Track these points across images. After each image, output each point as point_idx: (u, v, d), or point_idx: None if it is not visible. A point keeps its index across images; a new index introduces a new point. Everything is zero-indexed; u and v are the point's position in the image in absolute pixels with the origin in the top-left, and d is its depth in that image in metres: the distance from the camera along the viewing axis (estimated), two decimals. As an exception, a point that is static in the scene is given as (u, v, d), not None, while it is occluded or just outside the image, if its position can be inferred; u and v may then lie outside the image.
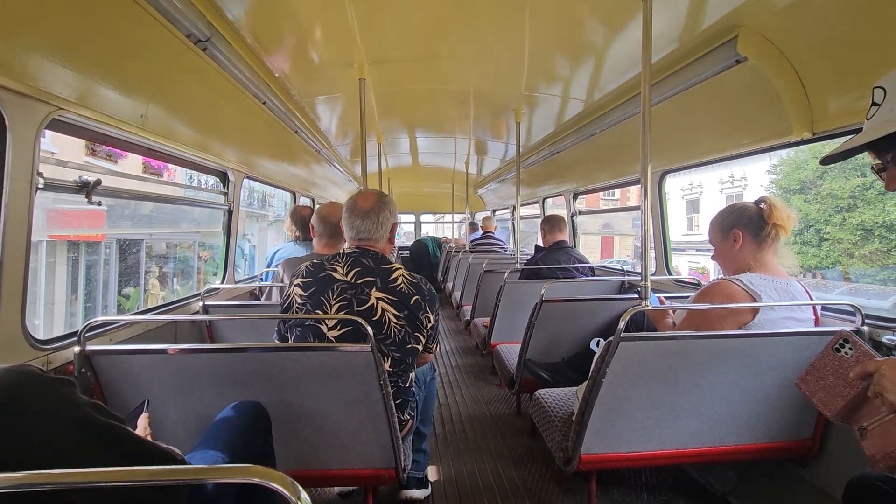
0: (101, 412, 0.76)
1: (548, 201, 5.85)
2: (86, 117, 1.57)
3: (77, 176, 1.66)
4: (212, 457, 1.12)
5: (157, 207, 9.58)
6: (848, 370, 0.92)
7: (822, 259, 12.47)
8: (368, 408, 1.49)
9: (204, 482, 0.94)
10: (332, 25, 2.20)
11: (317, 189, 5.54)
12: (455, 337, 5.18)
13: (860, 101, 1.64)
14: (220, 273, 3.15)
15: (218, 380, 1.44)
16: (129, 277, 9.39)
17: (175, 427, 1.48)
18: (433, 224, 11.98)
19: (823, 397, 0.98)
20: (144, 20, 1.58)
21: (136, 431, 1.13)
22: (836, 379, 0.95)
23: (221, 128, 2.68)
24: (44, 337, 1.51)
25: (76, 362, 1.37)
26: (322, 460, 1.58)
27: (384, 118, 4.12)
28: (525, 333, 2.51)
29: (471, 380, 3.73)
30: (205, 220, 10.68)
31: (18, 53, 1.26)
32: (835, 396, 0.96)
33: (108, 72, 1.63)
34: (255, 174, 3.39)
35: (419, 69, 2.86)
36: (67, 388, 0.74)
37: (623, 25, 2.08)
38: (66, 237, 7.65)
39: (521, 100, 3.36)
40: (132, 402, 1.37)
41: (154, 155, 2.24)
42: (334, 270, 1.61)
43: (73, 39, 1.42)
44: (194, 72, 2.04)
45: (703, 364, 1.58)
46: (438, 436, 2.69)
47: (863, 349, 0.93)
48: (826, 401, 0.98)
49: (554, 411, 1.96)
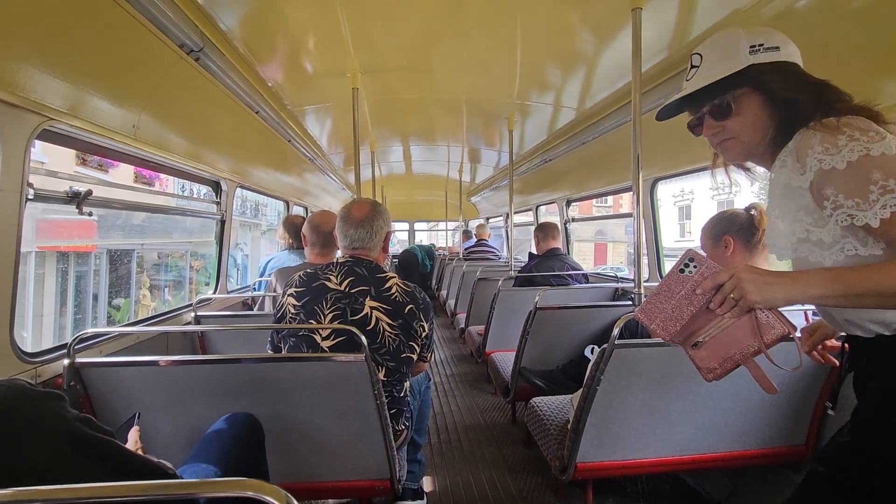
0: (90, 426, 0.75)
1: (541, 209, 5.88)
2: (77, 128, 1.56)
3: (68, 186, 1.65)
4: (204, 470, 1.11)
5: (149, 217, 9.52)
6: (693, 288, 0.93)
7: (813, 264, 12.56)
8: (363, 418, 1.48)
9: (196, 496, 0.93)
10: (324, 35, 2.21)
11: (310, 198, 5.53)
12: (450, 345, 5.17)
13: (846, 108, 1.67)
14: (212, 283, 3.13)
15: (210, 391, 1.43)
16: (120, 288, 9.29)
17: (166, 440, 1.46)
18: (427, 232, 11.99)
19: (662, 322, 0.98)
20: (137, 30, 1.58)
21: (127, 445, 1.11)
22: (679, 301, 0.95)
23: (214, 137, 2.68)
24: (32, 350, 1.49)
25: (65, 375, 1.34)
26: (316, 472, 1.57)
27: (377, 127, 4.13)
28: (519, 341, 2.50)
29: (466, 388, 3.72)
30: (197, 229, 10.62)
31: (9, 64, 1.25)
32: (674, 319, 0.96)
33: (100, 82, 1.62)
34: (247, 183, 3.38)
35: (412, 78, 2.87)
36: (57, 402, 0.73)
37: (613, 35, 2.11)
38: (56, 248, 7.57)
39: (514, 108, 3.39)
40: (122, 416, 1.35)
41: (146, 165, 2.23)
42: (328, 280, 1.60)
43: (64, 50, 1.41)
44: (187, 82, 2.04)
45: (696, 370, 1.58)
46: (434, 445, 2.67)
47: (708, 264, 0.93)
48: (665, 324, 0.97)
49: (549, 419, 1.96)
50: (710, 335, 0.96)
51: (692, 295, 0.94)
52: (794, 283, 0.86)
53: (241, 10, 1.93)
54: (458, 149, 5.22)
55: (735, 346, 0.95)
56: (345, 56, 2.41)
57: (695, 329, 0.97)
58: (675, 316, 0.97)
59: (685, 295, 0.95)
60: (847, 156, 0.82)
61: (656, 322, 0.99)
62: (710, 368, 0.98)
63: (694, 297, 0.94)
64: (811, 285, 0.85)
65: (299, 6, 1.93)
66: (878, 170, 0.80)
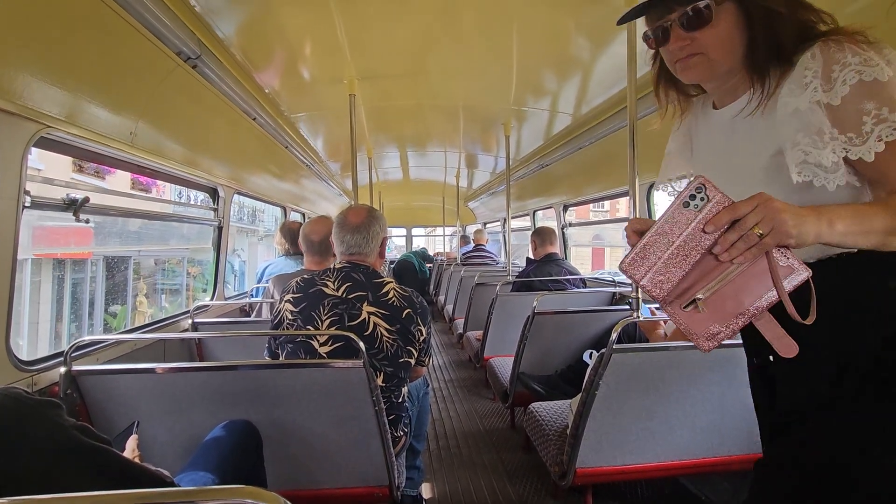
0: (88, 434, 0.75)
1: (538, 213, 5.89)
2: (74, 135, 1.56)
3: (65, 194, 1.65)
4: (201, 478, 1.10)
5: (146, 224, 9.49)
6: (700, 226, 0.73)
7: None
8: (361, 424, 1.47)
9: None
10: (321, 42, 2.22)
11: (307, 204, 5.53)
12: (448, 351, 5.15)
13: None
14: (209, 289, 3.12)
15: (207, 399, 1.42)
16: (117, 295, 9.25)
17: (163, 448, 1.45)
18: (424, 237, 11.99)
19: (655, 276, 0.77)
20: (134, 38, 1.59)
21: (125, 453, 1.11)
22: (679, 246, 0.75)
23: (211, 144, 2.68)
24: (28, 358, 1.48)
25: (62, 383, 1.34)
26: (314, 479, 1.56)
27: (374, 133, 4.14)
28: (518, 346, 2.50)
29: (464, 394, 3.70)
30: (194, 236, 10.59)
31: (6, 71, 1.25)
32: (672, 271, 0.76)
33: (98, 90, 1.62)
34: (245, 190, 3.38)
35: (409, 84, 2.89)
36: (54, 410, 0.72)
37: (609, 41, 2.12)
38: (53, 255, 7.54)
39: (510, 114, 3.40)
40: (119, 424, 1.34)
41: (143, 172, 2.23)
42: (325, 286, 1.60)
43: (62, 58, 1.42)
44: (184, 89, 2.04)
45: (695, 374, 1.59)
46: (432, 452, 2.66)
47: (721, 195, 0.73)
48: (658, 279, 0.77)
49: (548, 425, 1.95)
50: (713, 289, 0.77)
51: (698, 235, 0.75)
52: (820, 217, 0.72)
53: (238, 17, 1.94)
54: (455, 154, 5.23)
55: (747, 297, 0.77)
56: (342, 63, 2.42)
57: (690, 284, 0.78)
58: (672, 266, 0.77)
59: (689, 236, 0.75)
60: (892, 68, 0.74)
61: (647, 277, 0.78)
62: (712, 334, 0.79)
63: (700, 239, 0.74)
64: (836, 220, 0.72)
65: (296, 13, 1.94)
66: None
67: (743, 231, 0.70)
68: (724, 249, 0.72)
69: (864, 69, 0.74)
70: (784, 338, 0.77)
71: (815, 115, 0.77)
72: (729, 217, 0.71)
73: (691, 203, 0.74)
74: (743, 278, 0.76)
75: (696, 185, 0.74)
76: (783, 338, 0.77)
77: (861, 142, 0.75)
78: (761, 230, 0.69)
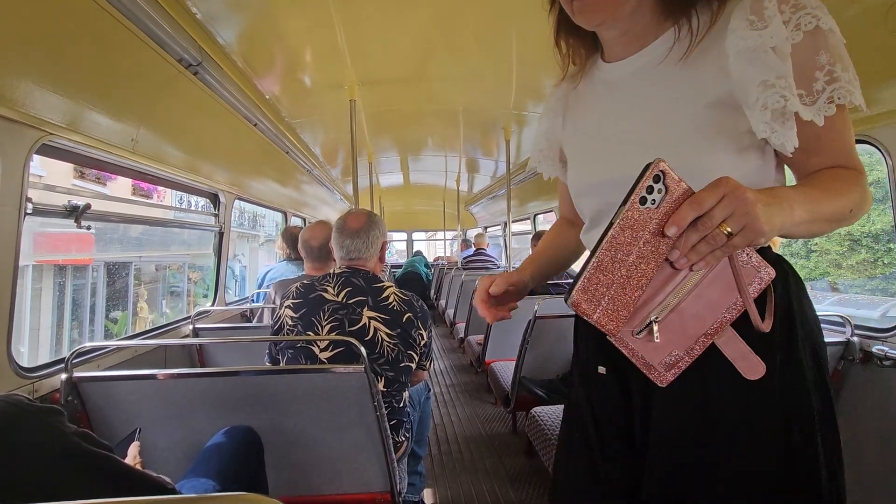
0: (89, 441, 0.75)
1: (539, 217, 5.89)
2: (76, 142, 1.57)
3: (66, 200, 1.65)
4: (203, 485, 1.10)
5: (147, 230, 9.50)
6: (658, 228, 0.56)
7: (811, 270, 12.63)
8: (362, 430, 1.47)
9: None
10: (322, 48, 2.23)
11: (308, 209, 5.54)
12: (449, 355, 5.14)
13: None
14: (210, 295, 3.12)
15: (208, 404, 1.42)
16: (118, 301, 9.25)
17: (165, 454, 1.45)
18: (425, 242, 11.99)
19: (612, 304, 0.59)
20: (136, 45, 1.60)
21: (126, 460, 1.10)
22: (637, 258, 0.58)
23: (212, 150, 2.69)
24: (28, 364, 1.48)
25: (63, 390, 1.34)
26: (316, 485, 1.55)
27: (375, 138, 4.15)
28: (519, 350, 2.50)
29: (466, 398, 3.69)
30: (195, 241, 10.60)
31: (8, 79, 1.26)
32: (630, 291, 0.59)
33: (99, 97, 1.63)
34: (246, 195, 3.39)
35: (409, 89, 2.90)
36: (55, 417, 0.72)
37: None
38: (55, 262, 7.55)
39: (510, 118, 3.41)
40: (120, 430, 1.34)
41: (145, 178, 2.23)
42: (325, 291, 1.60)
43: (64, 65, 1.42)
44: (185, 95, 2.05)
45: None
46: (434, 457, 2.65)
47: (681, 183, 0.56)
48: (616, 308, 0.59)
49: (550, 429, 1.95)
50: (670, 306, 0.62)
51: (656, 241, 0.57)
52: (782, 204, 0.58)
53: (239, 24, 1.95)
54: (456, 159, 5.24)
55: (709, 312, 0.62)
56: (342, 68, 2.43)
57: (642, 303, 0.62)
58: (631, 288, 0.59)
59: (647, 243, 0.58)
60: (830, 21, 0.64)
61: (602, 307, 0.59)
62: (671, 362, 0.64)
63: (658, 246, 0.58)
64: (795, 207, 0.59)
65: (297, 19, 1.95)
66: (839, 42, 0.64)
67: (708, 230, 0.54)
68: (684, 255, 0.57)
69: (822, 16, 0.63)
70: (750, 356, 0.64)
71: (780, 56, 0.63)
72: (694, 213, 0.54)
73: (648, 198, 0.56)
74: (702, 289, 0.62)
75: (654, 172, 0.56)
76: (749, 356, 0.64)
77: (811, 101, 0.63)
78: (730, 228, 0.54)
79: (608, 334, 0.62)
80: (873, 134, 1.59)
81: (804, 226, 0.61)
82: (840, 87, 0.62)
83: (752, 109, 0.64)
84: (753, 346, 0.64)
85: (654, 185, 0.56)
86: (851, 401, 1.69)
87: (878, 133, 1.59)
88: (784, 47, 0.62)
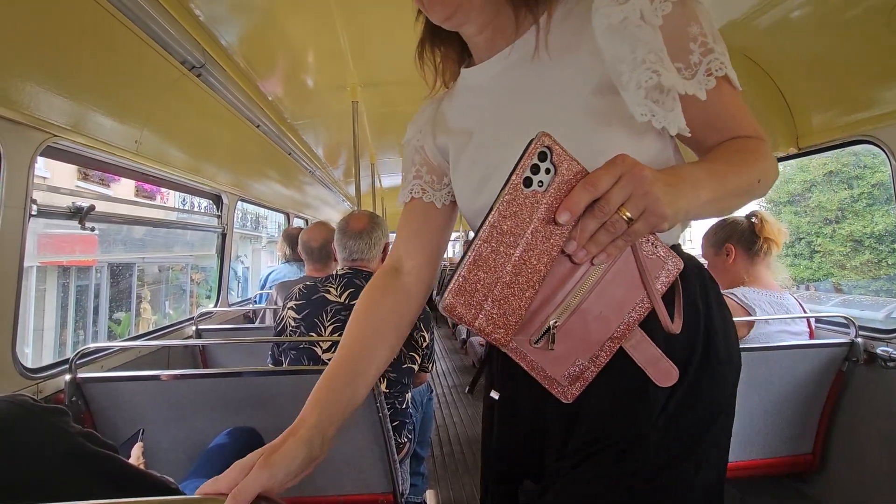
0: (94, 441, 0.75)
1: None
2: (80, 144, 1.58)
3: (71, 202, 1.66)
4: (206, 485, 1.10)
5: (150, 231, 9.55)
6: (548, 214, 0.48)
7: (815, 271, 12.59)
8: (365, 431, 1.47)
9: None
10: (324, 49, 2.24)
11: (310, 210, 5.55)
12: (451, 356, 5.14)
13: (842, 116, 1.68)
14: (213, 296, 3.13)
15: (211, 405, 1.42)
16: (121, 302, 9.29)
17: (168, 455, 1.45)
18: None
19: (498, 308, 0.49)
20: (140, 48, 1.60)
21: (130, 460, 1.11)
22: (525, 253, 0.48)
23: (215, 151, 2.70)
24: (32, 365, 1.49)
25: (67, 390, 1.34)
26: (318, 486, 1.55)
27: (377, 139, 4.16)
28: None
29: (468, 399, 3.69)
30: (198, 242, 10.64)
31: (13, 82, 1.26)
32: (519, 290, 0.49)
33: (103, 99, 1.64)
34: (248, 196, 3.40)
35: (411, 91, 2.89)
36: (60, 417, 0.73)
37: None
38: (59, 263, 7.58)
39: (512, 119, 3.41)
40: (124, 431, 1.34)
41: (148, 179, 2.24)
42: (328, 292, 1.61)
43: (68, 67, 1.43)
44: (188, 97, 2.06)
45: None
46: (436, 458, 2.64)
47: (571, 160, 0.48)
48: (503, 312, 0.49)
49: (553, 430, 1.94)
50: (571, 307, 0.53)
51: (548, 230, 0.49)
52: (684, 183, 0.52)
53: (241, 26, 1.96)
54: None
55: (614, 313, 0.54)
56: (344, 70, 2.44)
57: (538, 305, 0.53)
58: (520, 287, 0.49)
59: (537, 232, 0.48)
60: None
61: (485, 311, 0.49)
62: (576, 374, 0.55)
63: (551, 235, 0.49)
64: (700, 187, 0.53)
65: (299, 21, 1.96)
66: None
67: (606, 216, 0.48)
68: (582, 246, 0.49)
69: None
70: (662, 361, 0.57)
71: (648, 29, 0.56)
72: (588, 196, 0.47)
73: (534, 179, 0.48)
74: (605, 285, 0.53)
75: (539, 148, 0.47)
76: (661, 361, 0.57)
77: (690, 74, 0.58)
78: (629, 213, 0.47)
79: (497, 344, 0.51)
80: (877, 134, 1.59)
81: (712, 205, 0.56)
82: (715, 59, 0.58)
83: (627, 90, 0.57)
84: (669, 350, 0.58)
85: (541, 163, 0.47)
86: (855, 402, 1.68)
87: (881, 133, 1.58)
88: (652, 19, 0.56)
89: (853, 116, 1.65)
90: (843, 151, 10.82)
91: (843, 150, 2.22)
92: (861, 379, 1.67)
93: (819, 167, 12.53)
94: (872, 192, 11.56)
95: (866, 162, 11.62)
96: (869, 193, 11.63)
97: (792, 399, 1.64)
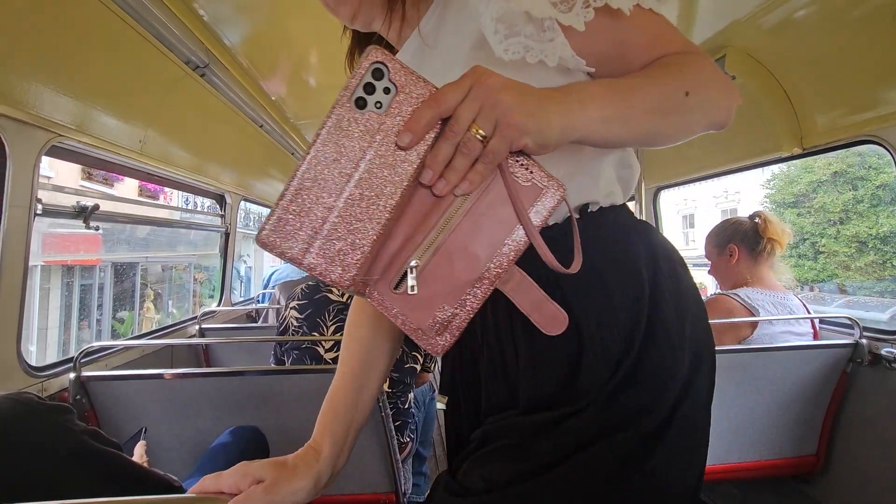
0: (98, 439, 0.75)
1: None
2: (85, 143, 1.58)
3: (75, 201, 1.67)
4: (209, 484, 1.10)
5: (153, 230, 9.58)
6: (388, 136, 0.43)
7: (819, 272, 12.55)
8: (367, 431, 1.47)
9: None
10: (327, 48, 2.24)
11: (313, 210, 5.56)
12: (454, 356, 5.14)
13: (847, 116, 1.68)
14: (216, 295, 3.14)
15: (214, 405, 1.43)
16: (125, 301, 9.33)
17: (170, 454, 1.46)
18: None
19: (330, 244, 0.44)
20: (144, 48, 1.61)
21: (133, 458, 1.11)
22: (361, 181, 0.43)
23: (219, 151, 2.71)
24: (36, 364, 1.50)
25: (71, 389, 1.35)
26: (320, 486, 1.56)
27: (380, 139, 4.17)
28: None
29: (470, 400, 3.69)
30: (201, 241, 10.68)
31: (19, 81, 1.27)
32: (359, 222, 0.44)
33: (108, 99, 1.64)
34: (252, 196, 3.41)
35: (414, 91, 2.90)
36: (65, 415, 0.73)
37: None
38: (63, 262, 7.62)
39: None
40: (127, 429, 1.35)
41: (152, 179, 2.25)
42: (330, 292, 1.61)
43: (73, 67, 1.44)
44: (192, 97, 2.07)
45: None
46: (438, 458, 2.64)
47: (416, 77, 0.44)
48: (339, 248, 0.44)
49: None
50: (432, 246, 0.47)
51: (392, 156, 0.44)
52: (563, 97, 0.47)
53: (245, 25, 1.96)
54: None
55: (485, 249, 0.47)
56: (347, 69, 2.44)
57: (398, 247, 0.48)
58: (358, 219, 0.44)
59: (377, 158, 0.44)
60: None
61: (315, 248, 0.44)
62: (443, 321, 0.48)
63: (396, 162, 0.44)
64: (587, 101, 0.47)
65: (302, 21, 1.96)
66: None
67: (458, 135, 0.43)
68: (438, 174, 0.45)
69: None
70: (546, 304, 0.48)
71: None
72: (433, 114, 0.42)
73: (368, 100, 0.43)
74: (473, 220, 0.47)
75: (372, 65, 0.43)
76: (545, 304, 0.48)
77: (567, 7, 0.52)
78: (483, 129, 0.43)
79: (339, 286, 0.45)
80: (881, 134, 1.58)
81: (615, 123, 0.49)
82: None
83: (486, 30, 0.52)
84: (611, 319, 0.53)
85: (376, 82, 0.42)
86: (859, 403, 1.67)
87: (886, 134, 1.57)
88: None
89: (858, 116, 1.64)
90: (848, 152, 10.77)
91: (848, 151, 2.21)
92: (865, 380, 1.66)
93: (824, 167, 12.49)
94: (877, 193, 11.52)
95: (871, 163, 11.57)
96: (874, 194, 11.59)
97: (796, 400, 1.63)
